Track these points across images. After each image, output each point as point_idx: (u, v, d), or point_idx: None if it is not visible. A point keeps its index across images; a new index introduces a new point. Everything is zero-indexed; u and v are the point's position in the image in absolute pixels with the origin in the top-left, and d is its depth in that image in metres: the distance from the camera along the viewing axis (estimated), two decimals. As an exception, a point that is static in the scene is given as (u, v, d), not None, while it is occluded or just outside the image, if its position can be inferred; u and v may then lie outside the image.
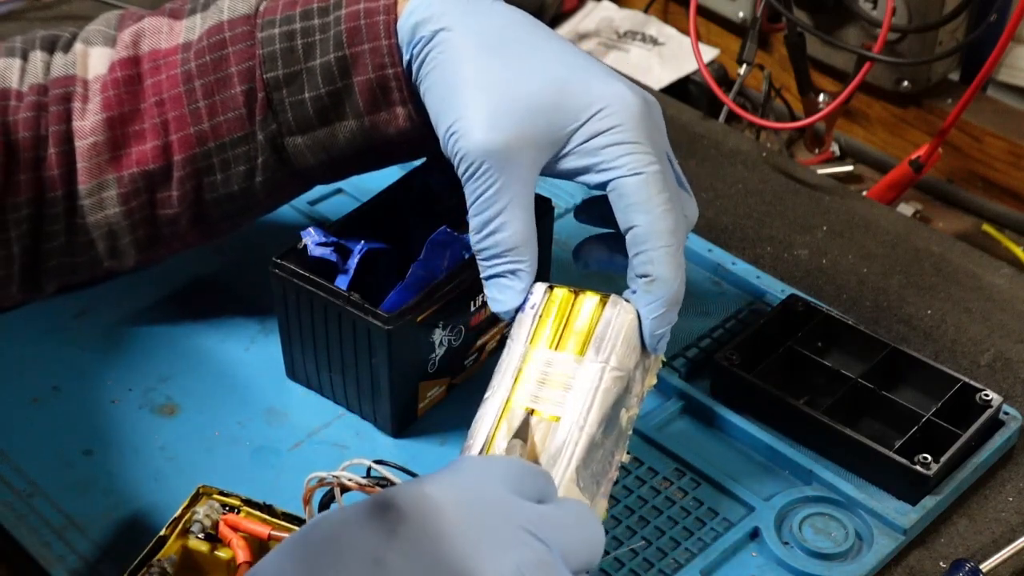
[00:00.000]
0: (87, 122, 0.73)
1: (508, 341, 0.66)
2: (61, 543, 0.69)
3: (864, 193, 1.05)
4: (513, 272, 0.67)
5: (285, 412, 0.78)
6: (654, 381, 0.68)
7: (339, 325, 0.72)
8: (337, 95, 0.72)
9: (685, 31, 1.25)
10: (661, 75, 1.23)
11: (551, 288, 0.66)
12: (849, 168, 1.16)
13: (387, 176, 0.81)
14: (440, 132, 0.68)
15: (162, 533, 0.63)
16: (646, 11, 1.31)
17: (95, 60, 0.74)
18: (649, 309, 0.66)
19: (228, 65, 0.72)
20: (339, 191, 0.95)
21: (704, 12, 1.25)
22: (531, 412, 0.62)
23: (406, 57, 0.70)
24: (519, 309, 0.67)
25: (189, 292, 0.86)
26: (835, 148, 1.17)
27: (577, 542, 0.55)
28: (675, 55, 1.25)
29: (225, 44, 0.72)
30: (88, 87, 0.73)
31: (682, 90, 1.24)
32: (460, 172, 0.67)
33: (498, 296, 0.67)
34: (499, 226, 0.66)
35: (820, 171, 1.09)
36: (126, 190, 0.73)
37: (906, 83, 1.13)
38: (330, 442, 0.76)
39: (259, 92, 0.72)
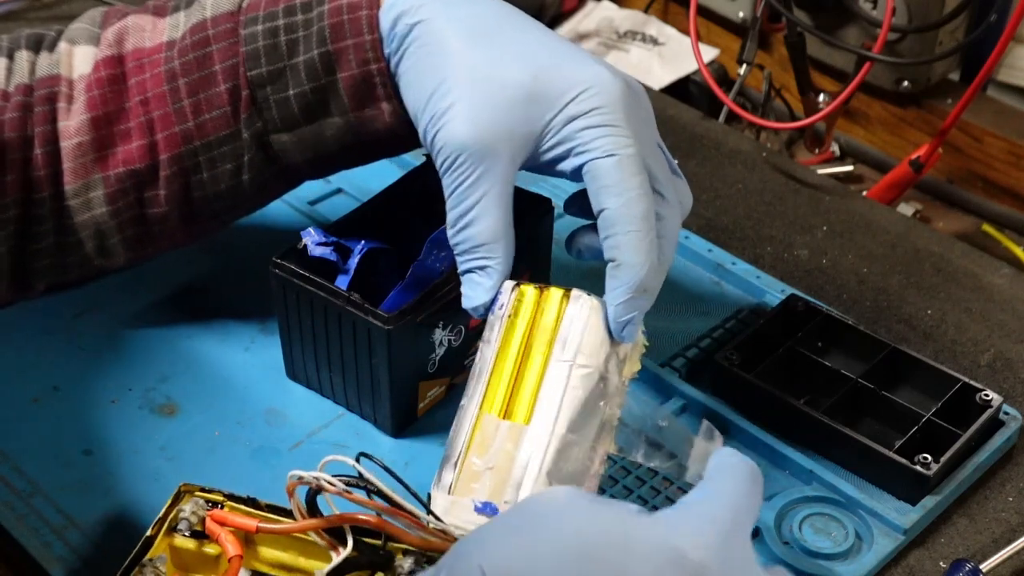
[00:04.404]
0: (72, 122, 0.72)
1: (481, 343, 0.66)
2: (61, 543, 0.69)
3: (864, 193, 1.05)
4: (482, 268, 0.67)
5: (285, 412, 0.78)
6: (637, 367, 0.68)
7: (339, 325, 0.72)
8: (322, 92, 0.71)
9: (685, 31, 1.25)
10: (661, 75, 1.23)
11: (518, 286, 0.66)
12: (849, 168, 1.16)
13: (387, 176, 0.81)
14: (419, 126, 0.68)
15: (149, 533, 0.63)
16: (646, 11, 1.31)
17: (80, 59, 0.74)
18: (613, 296, 0.65)
19: (212, 63, 0.72)
20: (339, 191, 0.95)
21: (704, 12, 1.25)
22: (504, 417, 0.63)
23: (387, 51, 0.70)
24: (491, 308, 0.67)
25: (189, 292, 0.86)
26: (835, 148, 1.17)
27: None
28: (675, 55, 1.25)
29: (208, 42, 0.72)
30: (73, 87, 0.73)
31: (682, 90, 1.24)
32: (438, 165, 0.67)
33: (468, 292, 0.67)
34: (472, 220, 0.66)
35: (820, 171, 1.09)
36: (113, 190, 0.73)
37: (906, 83, 1.13)
38: (330, 442, 0.76)
39: (243, 90, 0.72)
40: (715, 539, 0.51)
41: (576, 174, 0.67)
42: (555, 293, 0.65)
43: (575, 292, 0.65)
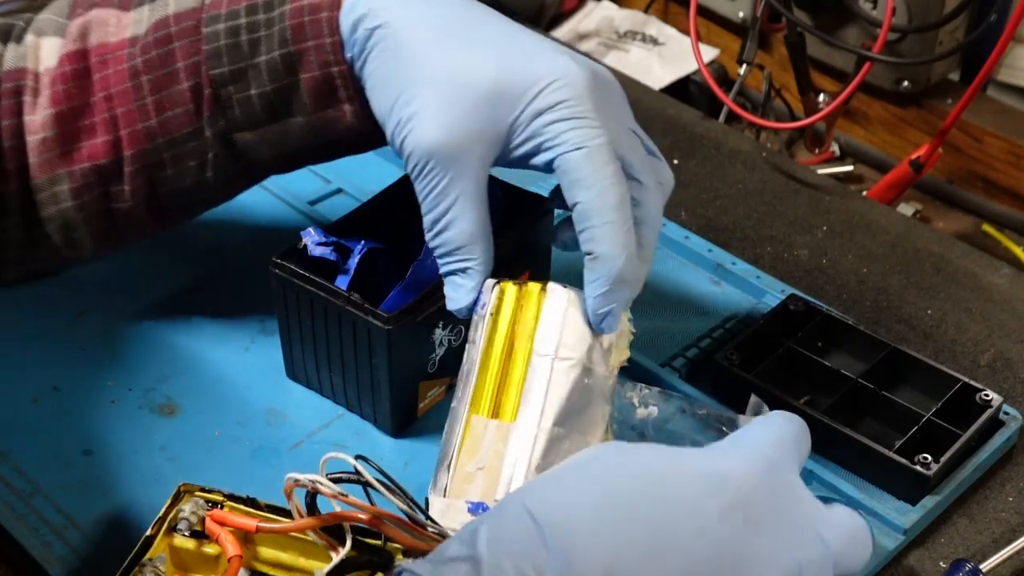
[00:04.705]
0: (37, 117, 0.73)
1: (468, 344, 0.66)
2: (61, 543, 0.69)
3: (864, 193, 1.05)
4: (463, 270, 0.67)
5: (285, 412, 0.78)
6: (625, 355, 0.67)
7: (339, 325, 0.72)
8: (284, 92, 0.71)
9: (685, 31, 1.25)
10: (661, 75, 1.23)
11: (498, 284, 0.67)
12: (849, 168, 1.16)
13: (387, 176, 0.81)
14: (387, 131, 0.68)
15: (148, 533, 0.63)
16: (646, 11, 1.31)
17: (46, 52, 0.74)
18: (591, 288, 0.65)
19: (174, 61, 0.72)
20: (339, 191, 0.95)
21: (704, 12, 1.25)
22: (493, 416, 0.63)
23: (348, 55, 0.70)
24: (474, 308, 0.67)
25: (189, 292, 0.86)
26: (835, 148, 1.17)
27: (850, 549, 0.54)
28: (675, 55, 1.25)
29: (171, 39, 0.72)
30: (39, 80, 0.73)
31: (682, 90, 1.24)
32: (408, 171, 0.67)
33: (451, 294, 0.68)
34: (448, 223, 0.66)
35: (820, 171, 1.09)
36: (78, 184, 0.73)
37: (906, 83, 1.13)
38: (330, 442, 0.76)
39: (206, 88, 0.72)
40: (759, 467, 0.51)
41: (549, 168, 0.66)
42: (534, 288, 0.66)
43: (551, 286, 0.66)
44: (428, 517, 0.61)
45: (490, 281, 0.67)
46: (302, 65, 0.71)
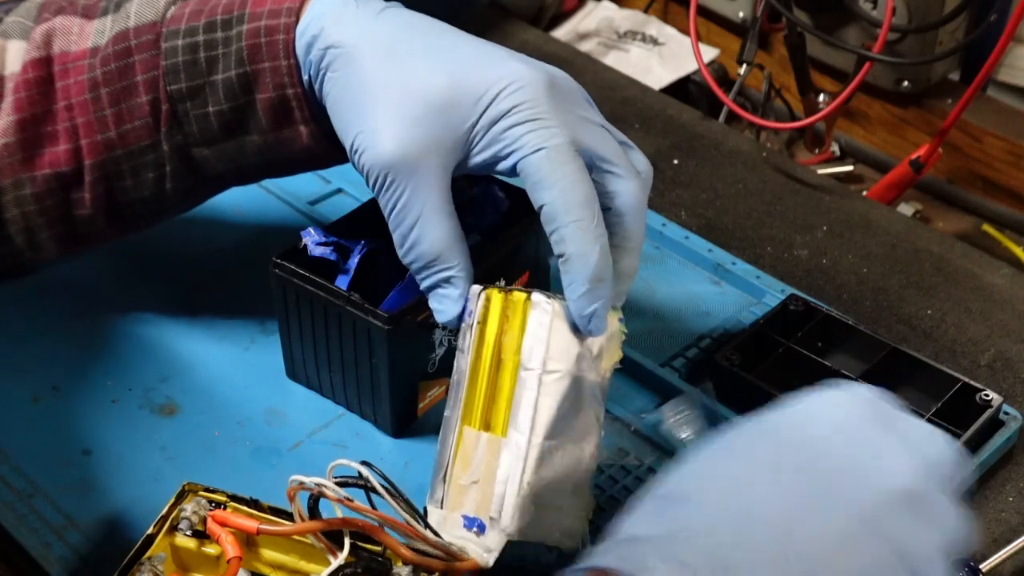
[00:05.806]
0: (0, 121, 0.73)
1: (457, 352, 0.66)
2: (61, 543, 0.69)
3: (864, 193, 1.05)
4: (447, 280, 0.66)
5: (285, 412, 0.78)
6: (618, 357, 0.66)
7: (339, 325, 0.72)
8: (240, 111, 0.72)
9: (685, 31, 1.25)
10: (661, 75, 1.23)
11: (484, 291, 0.65)
12: (849, 168, 1.16)
13: (387, 176, 0.81)
14: (347, 150, 0.68)
15: (149, 531, 0.63)
16: (646, 11, 1.32)
17: (12, 56, 0.74)
18: (570, 290, 0.64)
19: (133, 74, 0.72)
20: (339, 191, 0.95)
21: (704, 12, 1.25)
22: (484, 429, 0.63)
23: (306, 76, 0.70)
24: (461, 316, 0.66)
25: (189, 292, 0.86)
26: (835, 148, 1.17)
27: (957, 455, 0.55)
28: (675, 55, 1.25)
29: (131, 52, 0.72)
30: (3, 84, 0.73)
31: (682, 90, 1.24)
32: (370, 188, 0.67)
33: (437, 307, 0.67)
34: (418, 237, 0.66)
35: (820, 171, 1.09)
36: (40, 190, 0.73)
37: (906, 83, 1.13)
38: (330, 442, 0.76)
39: (164, 103, 0.72)
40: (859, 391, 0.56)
41: (514, 173, 0.66)
42: (519, 297, 0.64)
43: (535, 296, 0.64)
44: (428, 527, 0.61)
45: (476, 288, 0.66)
46: (258, 85, 0.71)
